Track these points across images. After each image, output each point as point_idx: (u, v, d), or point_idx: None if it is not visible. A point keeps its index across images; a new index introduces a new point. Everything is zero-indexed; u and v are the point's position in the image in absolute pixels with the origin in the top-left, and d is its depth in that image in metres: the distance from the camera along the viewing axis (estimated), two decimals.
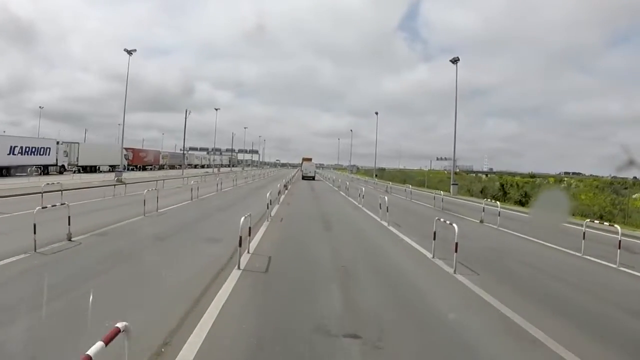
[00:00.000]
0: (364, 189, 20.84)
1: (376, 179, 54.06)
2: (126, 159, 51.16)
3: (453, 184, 27.50)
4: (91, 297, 4.79)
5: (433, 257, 8.12)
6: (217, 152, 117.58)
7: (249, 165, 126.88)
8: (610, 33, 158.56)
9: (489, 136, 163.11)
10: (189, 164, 77.83)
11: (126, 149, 52.97)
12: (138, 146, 67.13)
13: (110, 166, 47.03)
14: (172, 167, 65.43)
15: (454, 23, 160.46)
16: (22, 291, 5.15)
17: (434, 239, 8.29)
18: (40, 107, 68.72)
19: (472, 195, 27.55)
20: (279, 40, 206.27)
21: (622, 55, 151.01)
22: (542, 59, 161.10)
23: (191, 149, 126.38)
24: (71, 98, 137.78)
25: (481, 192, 26.50)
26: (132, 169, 52.61)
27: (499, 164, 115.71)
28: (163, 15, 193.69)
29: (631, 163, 2.02)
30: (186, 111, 43.35)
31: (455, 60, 27.24)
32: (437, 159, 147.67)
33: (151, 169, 57.52)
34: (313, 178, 49.53)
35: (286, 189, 25.07)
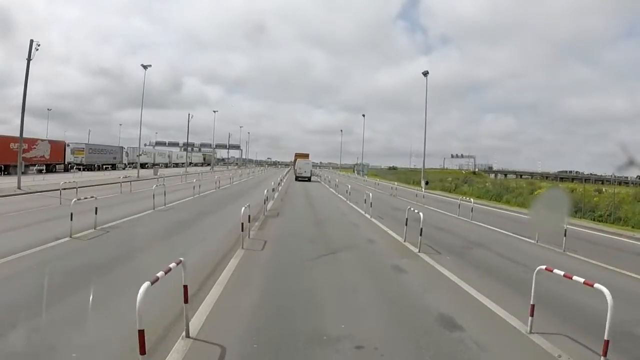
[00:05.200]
0: None
1: (424, 189, 31.28)
2: None
3: None
4: None
5: None
6: (181, 147, 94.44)
7: (231, 163, 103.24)
8: (620, 24, 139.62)
9: (484, 133, 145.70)
10: (130, 163, 54.20)
11: None
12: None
13: None
14: (90, 167, 41.90)
15: (456, 10, 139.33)
16: None
17: None
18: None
19: None
20: (270, 33, 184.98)
21: (630, 48, 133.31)
22: (544, 52, 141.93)
23: (158, 143, 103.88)
24: (56, 94, 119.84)
25: None
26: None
27: (492, 162, 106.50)
28: (145, 6, 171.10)
29: (631, 163, 1.95)
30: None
31: None
32: (453, 156, 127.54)
33: (45, 171, 34.17)
34: (309, 179, 40.31)
35: None
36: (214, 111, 74.87)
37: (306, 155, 57.00)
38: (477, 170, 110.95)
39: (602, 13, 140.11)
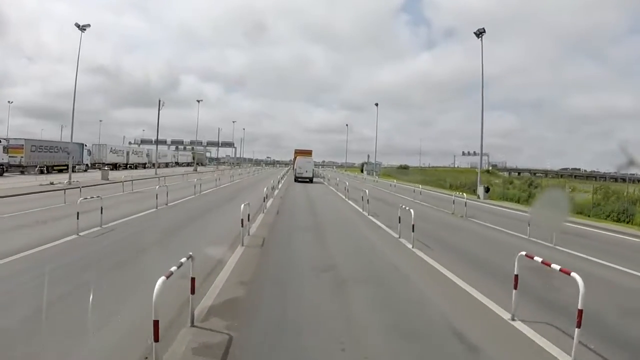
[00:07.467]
0: None
1: (483, 198, 21.98)
2: None
3: None
4: None
5: None
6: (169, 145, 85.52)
7: (223, 163, 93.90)
8: (626, 20, 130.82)
9: (486, 130, 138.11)
10: (94, 163, 44.99)
11: None
12: None
13: None
14: (40, 169, 32.47)
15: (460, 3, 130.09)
16: None
17: None
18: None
19: None
20: (269, 30, 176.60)
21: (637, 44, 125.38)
22: (549, 48, 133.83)
23: (144, 141, 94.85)
24: (51, 93, 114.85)
25: None
26: None
27: (493, 159, 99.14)
28: (139, 2, 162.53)
29: (631, 162, 1.90)
30: None
31: None
32: (464, 153, 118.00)
33: None
34: (310, 180, 34.63)
35: None
36: (198, 101, 64.20)
37: (308, 152, 47.44)
38: (490, 168, 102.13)
39: (608, 9, 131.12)
